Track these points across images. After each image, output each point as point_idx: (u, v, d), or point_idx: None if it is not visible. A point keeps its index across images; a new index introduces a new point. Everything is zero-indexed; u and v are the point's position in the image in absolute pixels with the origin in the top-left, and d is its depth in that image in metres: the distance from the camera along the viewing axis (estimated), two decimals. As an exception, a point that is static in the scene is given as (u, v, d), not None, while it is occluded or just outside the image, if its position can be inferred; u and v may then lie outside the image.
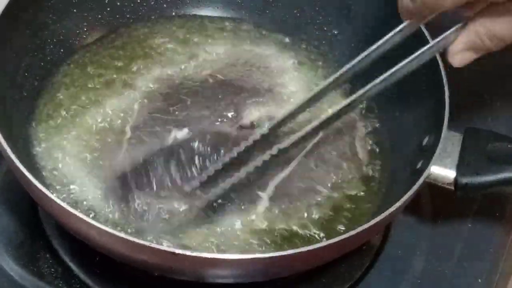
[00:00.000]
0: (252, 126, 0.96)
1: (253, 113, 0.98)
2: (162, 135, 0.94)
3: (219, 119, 0.97)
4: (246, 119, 0.97)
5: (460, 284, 0.93)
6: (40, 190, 0.78)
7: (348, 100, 0.89)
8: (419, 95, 0.95)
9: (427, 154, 0.86)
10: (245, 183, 0.90)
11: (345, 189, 0.94)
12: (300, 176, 0.93)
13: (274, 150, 0.88)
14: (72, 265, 0.90)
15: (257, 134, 0.90)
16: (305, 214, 0.90)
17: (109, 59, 1.02)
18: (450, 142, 0.88)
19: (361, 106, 1.01)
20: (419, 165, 0.88)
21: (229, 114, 0.97)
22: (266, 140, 0.90)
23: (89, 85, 0.99)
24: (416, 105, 0.95)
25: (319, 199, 0.92)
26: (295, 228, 0.89)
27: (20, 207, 0.93)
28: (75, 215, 0.76)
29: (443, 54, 0.85)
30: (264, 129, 0.90)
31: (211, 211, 0.88)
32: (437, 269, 0.94)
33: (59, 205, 0.77)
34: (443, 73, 0.90)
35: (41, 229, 0.92)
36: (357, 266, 0.93)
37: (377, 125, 1.00)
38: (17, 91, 0.94)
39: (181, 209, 0.88)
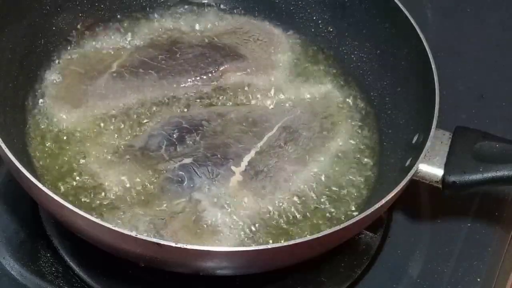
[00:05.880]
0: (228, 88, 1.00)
1: (231, 77, 1.00)
2: (141, 77, 0.98)
3: (199, 77, 0.99)
4: (223, 82, 1.00)
5: (459, 284, 0.93)
6: (30, 180, 0.79)
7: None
8: (412, 94, 0.95)
9: (416, 152, 0.86)
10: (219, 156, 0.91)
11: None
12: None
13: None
14: (72, 264, 0.91)
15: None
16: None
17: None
18: (439, 140, 0.88)
19: (348, 100, 1.01)
20: (407, 163, 0.88)
21: (209, 74, 1.00)
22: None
23: None
24: (408, 103, 0.95)
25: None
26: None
27: (21, 207, 0.94)
28: (65, 205, 0.77)
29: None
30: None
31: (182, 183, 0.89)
32: (436, 268, 0.94)
33: (46, 193, 0.78)
34: (434, 73, 0.90)
35: (42, 229, 0.93)
36: (356, 266, 0.93)
37: (368, 120, 1.00)
38: (12, 86, 0.94)
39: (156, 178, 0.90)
